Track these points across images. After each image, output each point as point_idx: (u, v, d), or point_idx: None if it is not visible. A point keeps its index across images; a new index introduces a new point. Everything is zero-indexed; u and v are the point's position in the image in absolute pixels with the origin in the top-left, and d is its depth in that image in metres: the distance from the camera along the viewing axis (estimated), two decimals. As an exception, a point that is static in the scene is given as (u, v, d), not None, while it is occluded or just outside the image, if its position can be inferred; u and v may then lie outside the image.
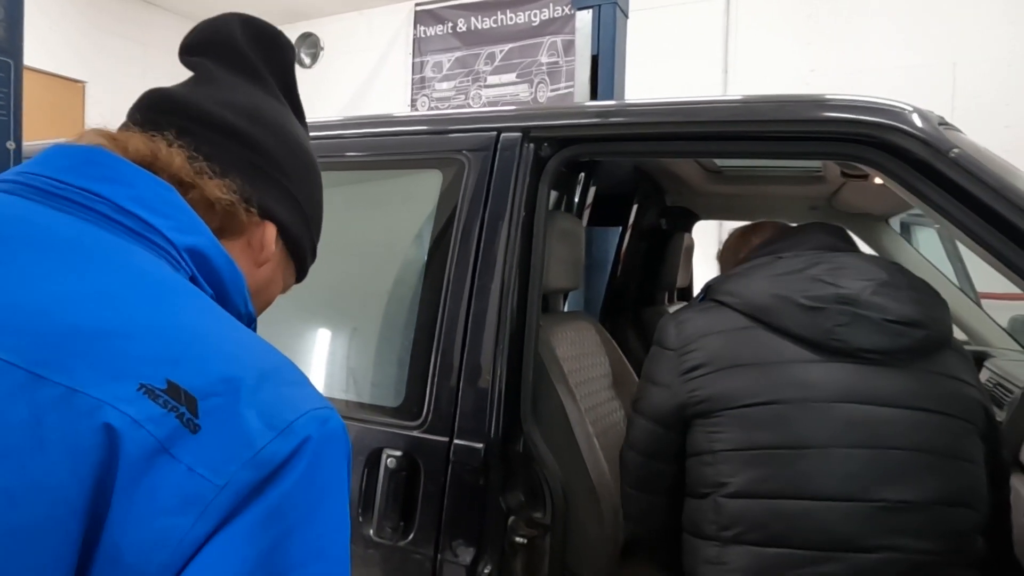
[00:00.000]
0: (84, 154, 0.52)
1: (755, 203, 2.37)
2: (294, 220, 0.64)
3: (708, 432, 1.12)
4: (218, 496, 0.39)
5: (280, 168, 0.62)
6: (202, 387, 0.41)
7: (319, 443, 0.43)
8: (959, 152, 1.01)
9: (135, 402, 0.39)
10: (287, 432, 0.42)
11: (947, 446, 1.04)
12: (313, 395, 0.47)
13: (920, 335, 1.07)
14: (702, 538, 1.11)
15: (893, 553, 0.99)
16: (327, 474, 0.44)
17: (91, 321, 0.41)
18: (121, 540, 0.37)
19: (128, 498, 0.37)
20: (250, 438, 0.40)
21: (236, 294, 0.56)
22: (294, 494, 0.41)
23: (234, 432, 0.40)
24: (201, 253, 0.53)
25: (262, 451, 0.40)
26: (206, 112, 0.59)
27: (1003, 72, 4.37)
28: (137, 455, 0.38)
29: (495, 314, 1.25)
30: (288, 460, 0.41)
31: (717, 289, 1.22)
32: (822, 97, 1.17)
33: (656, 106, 1.31)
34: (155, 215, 0.51)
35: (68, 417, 0.38)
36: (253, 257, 0.61)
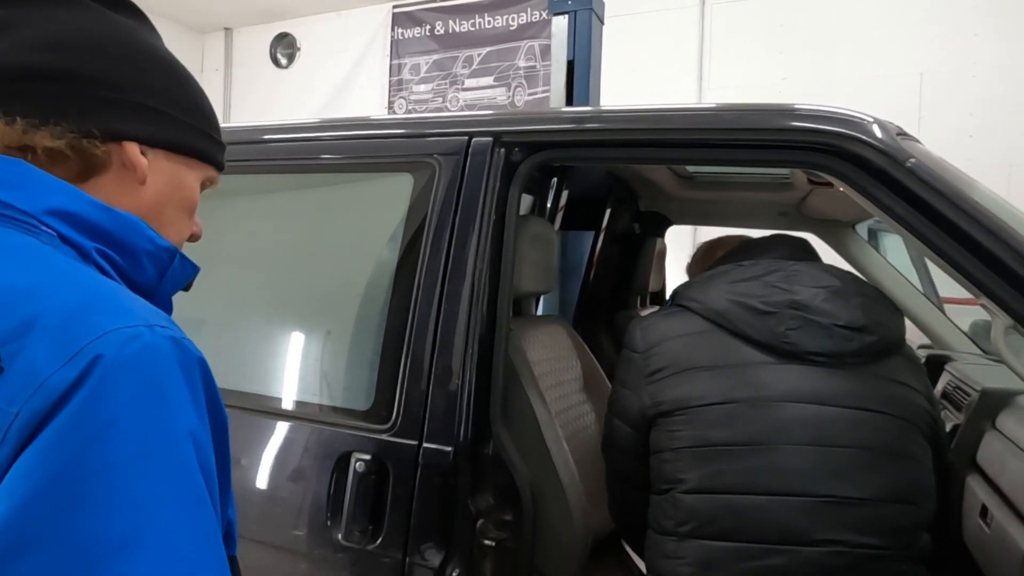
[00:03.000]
0: None
1: (726, 209, 2.41)
2: (157, 124, 0.60)
3: (668, 431, 1.16)
4: (13, 423, 0.42)
5: (108, 83, 0.57)
6: (4, 334, 0.44)
7: (114, 361, 0.44)
8: (916, 162, 1.04)
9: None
10: (76, 357, 0.44)
11: (890, 444, 1.08)
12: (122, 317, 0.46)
13: (868, 340, 1.12)
14: (662, 533, 1.16)
15: (837, 547, 1.04)
16: (128, 389, 0.44)
17: None
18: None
19: None
20: (37, 369, 0.43)
21: (130, 235, 0.55)
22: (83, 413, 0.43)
23: (26, 367, 0.43)
24: (65, 211, 0.52)
25: (48, 379, 0.43)
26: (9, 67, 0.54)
27: (968, 83, 4.49)
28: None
29: (465, 317, 1.25)
30: (74, 384, 0.43)
31: (681, 295, 1.27)
32: (785, 106, 1.20)
33: (625, 113, 1.32)
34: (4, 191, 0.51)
35: None
36: (127, 182, 0.58)
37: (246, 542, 1.34)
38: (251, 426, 1.40)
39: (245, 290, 1.59)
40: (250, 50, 7.20)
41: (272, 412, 1.39)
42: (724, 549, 1.08)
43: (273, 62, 7.03)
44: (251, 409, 1.40)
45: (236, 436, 1.50)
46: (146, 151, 0.59)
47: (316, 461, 1.29)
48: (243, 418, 1.41)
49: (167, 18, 7.10)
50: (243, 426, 1.41)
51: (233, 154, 1.61)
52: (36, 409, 0.42)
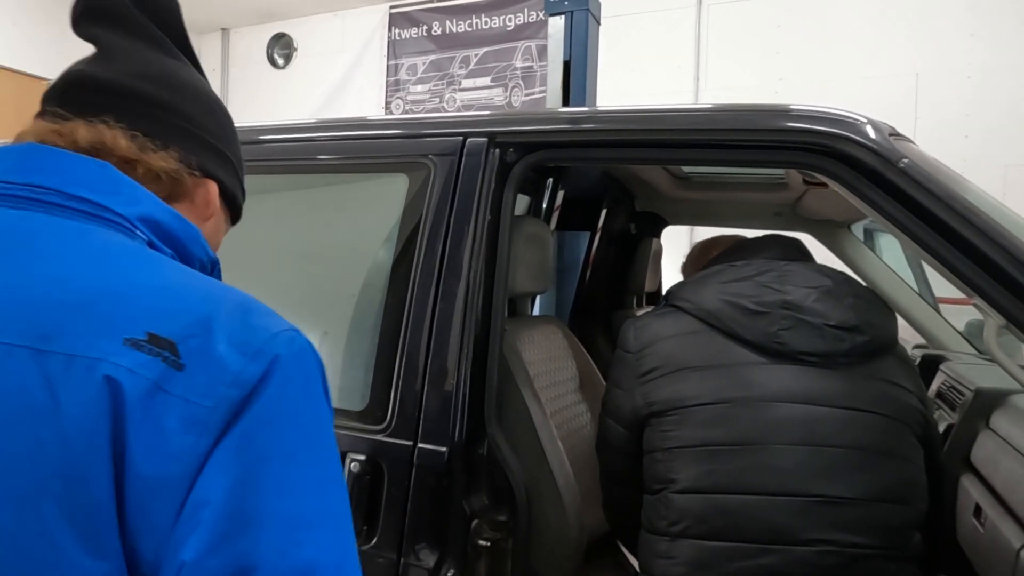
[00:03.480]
0: (20, 153, 0.56)
1: (722, 209, 2.41)
2: (228, 172, 0.69)
3: (661, 431, 1.16)
4: (211, 415, 0.47)
5: (205, 128, 0.66)
6: (178, 332, 0.48)
7: (288, 359, 0.50)
8: (908, 162, 1.05)
9: (124, 354, 0.46)
10: (257, 354, 0.49)
11: (881, 444, 1.09)
12: (277, 321, 0.53)
13: (859, 340, 1.12)
14: (655, 533, 1.16)
15: (828, 546, 1.04)
16: (300, 384, 0.51)
17: (71, 296, 0.48)
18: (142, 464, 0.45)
19: (139, 431, 0.46)
20: (226, 365, 0.48)
21: (194, 246, 0.62)
22: (274, 403, 0.49)
23: (213, 363, 0.48)
24: (152, 219, 0.58)
25: (239, 374, 0.48)
26: (131, 89, 0.61)
27: (963, 84, 4.50)
28: (138, 396, 0.46)
29: (460, 318, 1.25)
30: (263, 378, 0.49)
31: (675, 295, 1.27)
32: (779, 106, 1.20)
33: (619, 113, 1.33)
34: (102, 195, 0.55)
35: (74, 378, 0.46)
36: (199, 214, 0.66)
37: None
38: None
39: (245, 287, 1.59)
40: (247, 51, 7.19)
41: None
42: (716, 549, 1.08)
43: (270, 62, 7.02)
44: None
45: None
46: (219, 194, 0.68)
47: (311, 462, 1.29)
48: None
49: (164, 18, 7.09)
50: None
51: (228, 155, 1.61)
52: (233, 400, 0.47)
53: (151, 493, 0.46)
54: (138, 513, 0.45)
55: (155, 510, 0.46)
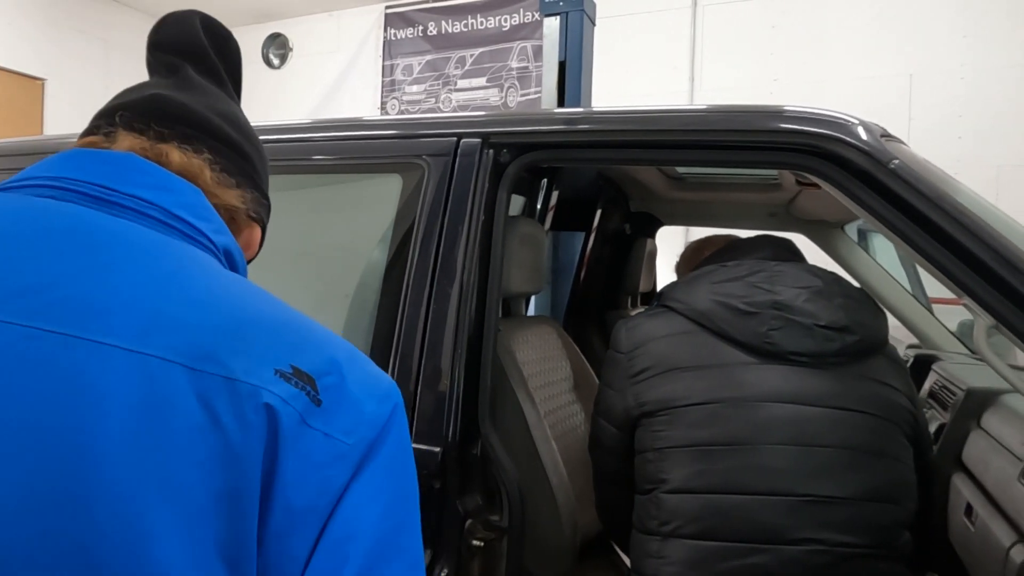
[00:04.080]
0: (127, 162, 0.57)
1: (716, 209, 2.42)
2: (267, 219, 0.72)
3: (652, 431, 1.17)
4: (352, 451, 0.49)
5: (260, 174, 0.69)
6: (316, 369, 0.50)
7: (400, 407, 0.55)
8: (899, 163, 1.05)
9: (276, 384, 0.48)
10: (383, 399, 0.53)
11: (870, 444, 1.09)
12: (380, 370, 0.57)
13: (849, 340, 1.13)
14: (646, 533, 1.16)
15: (818, 545, 1.05)
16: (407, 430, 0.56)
17: (220, 320, 0.49)
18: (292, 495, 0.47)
19: (288, 460, 0.47)
20: (361, 406, 0.51)
21: (241, 266, 0.64)
22: (397, 445, 0.53)
23: (349, 403, 0.51)
24: (229, 251, 0.61)
25: (372, 415, 0.51)
26: (215, 125, 0.64)
27: (956, 85, 4.52)
28: (289, 426, 0.47)
29: (454, 318, 1.25)
30: (390, 419, 0.53)
31: (667, 295, 1.27)
32: (772, 108, 1.20)
33: (613, 114, 1.33)
34: (199, 219, 0.57)
35: (235, 400, 0.46)
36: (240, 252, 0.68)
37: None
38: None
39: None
40: (242, 50, 7.14)
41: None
42: (707, 548, 1.08)
43: (265, 62, 7.01)
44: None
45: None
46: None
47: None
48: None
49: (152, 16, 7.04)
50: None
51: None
52: (369, 440, 0.50)
53: (293, 523, 0.47)
54: (275, 542, 0.46)
55: (294, 540, 0.47)
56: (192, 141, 0.61)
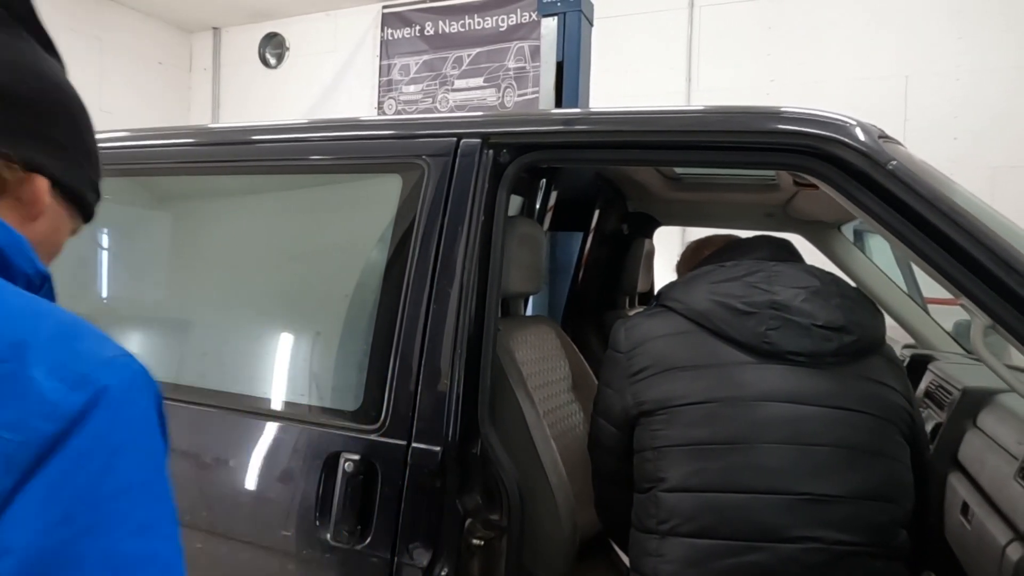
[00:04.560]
0: None
1: (713, 210, 2.43)
2: (65, 165, 0.60)
3: (651, 430, 1.17)
4: (18, 452, 0.41)
5: (40, 116, 0.58)
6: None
7: (118, 391, 0.45)
8: (896, 164, 1.06)
9: None
10: (81, 383, 0.44)
11: (868, 443, 1.10)
12: (109, 346, 0.48)
13: (847, 340, 1.13)
14: (644, 532, 1.17)
15: (815, 544, 1.05)
16: (130, 418, 0.45)
17: None
18: None
19: None
20: (42, 395, 0.42)
21: (18, 257, 0.54)
22: (97, 439, 0.43)
23: (25, 393, 0.42)
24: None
25: (58, 405, 0.42)
26: None
27: (952, 86, 4.54)
28: None
29: (454, 318, 1.26)
30: (85, 410, 0.43)
31: (665, 295, 1.28)
32: (770, 109, 1.21)
33: (612, 115, 1.34)
34: None
35: None
36: (25, 212, 0.58)
37: (235, 543, 1.35)
38: (240, 427, 1.40)
39: (234, 291, 1.59)
40: (239, 50, 7.17)
41: (261, 413, 1.40)
42: (705, 547, 1.09)
43: (262, 62, 7.00)
44: (240, 410, 1.40)
45: (225, 437, 1.50)
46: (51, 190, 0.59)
47: (305, 461, 1.29)
48: (232, 419, 1.41)
49: (155, 17, 7.05)
50: (232, 427, 1.41)
51: (222, 155, 1.62)
52: (46, 435, 0.42)
53: None
54: None
55: None
56: None
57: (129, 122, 7.02)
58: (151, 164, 1.64)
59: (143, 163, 1.64)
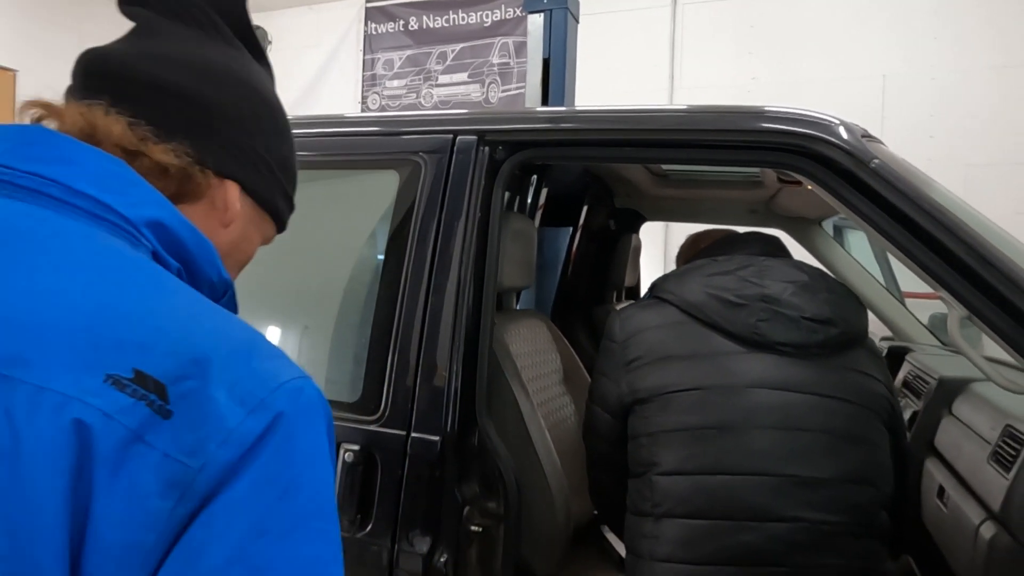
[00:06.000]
0: (21, 134, 0.49)
1: (699, 206, 2.48)
2: (259, 174, 0.61)
3: (644, 417, 1.22)
4: (196, 478, 0.39)
5: (235, 122, 0.58)
6: (170, 372, 0.41)
7: (293, 416, 0.43)
8: (879, 163, 1.11)
9: (103, 394, 0.39)
10: (259, 408, 0.42)
11: (851, 430, 1.15)
12: (285, 367, 0.46)
13: (832, 332, 1.19)
14: (639, 515, 1.21)
15: (801, 523, 1.11)
16: (305, 446, 0.44)
17: (56, 315, 0.41)
18: (107, 530, 0.38)
19: (109, 489, 0.38)
20: (222, 418, 0.41)
21: (206, 263, 0.54)
22: (272, 469, 0.41)
23: (206, 414, 0.40)
24: (161, 225, 0.50)
25: (235, 430, 0.41)
26: (143, 73, 0.55)
27: (928, 85, 4.64)
28: (111, 447, 0.38)
29: (451, 311, 1.29)
30: (262, 436, 0.41)
31: (659, 287, 1.32)
32: (757, 108, 1.25)
33: (606, 113, 1.37)
34: (107, 192, 0.48)
35: (38, 416, 0.38)
36: (218, 219, 0.59)
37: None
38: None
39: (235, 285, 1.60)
40: (220, 43, 7.10)
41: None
42: (697, 527, 1.13)
43: (244, 55, 6.94)
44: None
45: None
46: (242, 197, 0.60)
47: (304, 453, 1.31)
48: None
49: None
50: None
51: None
52: (224, 462, 0.40)
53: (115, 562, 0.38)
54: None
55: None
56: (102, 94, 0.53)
57: (109, 116, 6.95)
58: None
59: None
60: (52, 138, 0.50)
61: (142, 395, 0.39)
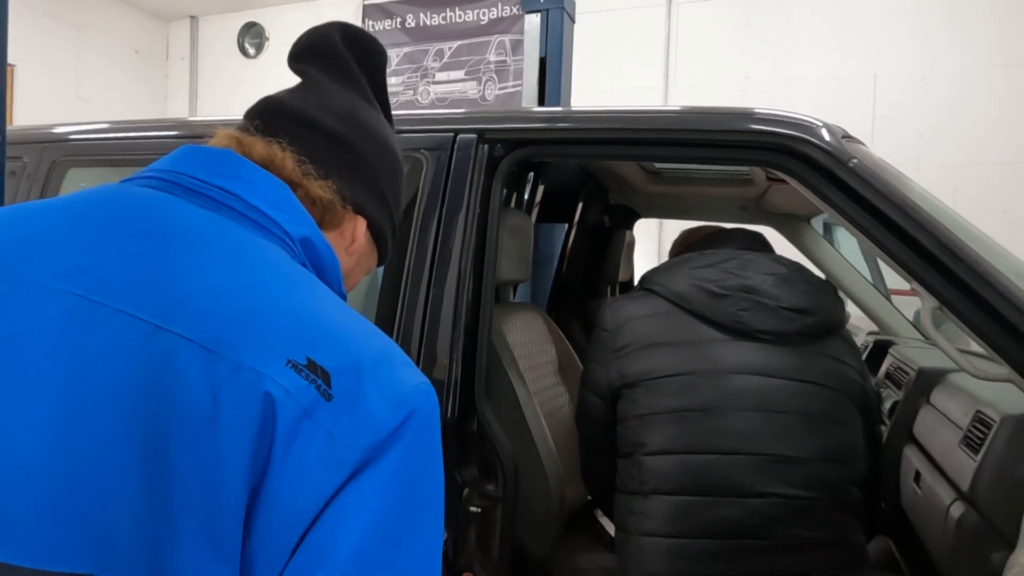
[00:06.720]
0: (219, 156, 0.62)
1: (690, 203, 2.54)
2: (382, 214, 0.73)
3: (633, 400, 1.29)
4: (350, 455, 0.47)
5: (372, 168, 0.70)
6: (334, 365, 0.49)
7: (424, 414, 0.52)
8: (857, 162, 1.17)
9: (285, 375, 0.47)
10: (399, 404, 0.50)
11: (825, 412, 1.23)
12: (417, 374, 0.55)
13: (809, 321, 1.26)
14: (627, 493, 1.28)
15: (778, 498, 1.18)
16: (429, 440, 0.52)
17: (248, 305, 0.50)
18: (278, 487, 0.46)
19: (283, 453, 0.46)
20: (372, 409, 0.49)
21: (333, 277, 0.65)
22: (405, 456, 0.50)
23: (360, 404, 0.49)
24: (310, 242, 0.62)
25: (381, 420, 0.49)
26: (311, 119, 0.67)
27: (917, 85, 4.72)
28: (289, 419, 0.46)
29: (452, 303, 1.34)
30: (400, 427, 0.50)
31: (649, 279, 1.39)
32: (745, 110, 1.32)
33: (601, 113, 1.43)
34: (275, 210, 0.60)
35: (238, 387, 0.46)
36: (344, 246, 0.70)
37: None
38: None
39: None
40: (217, 39, 7.12)
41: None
42: (682, 503, 1.21)
43: (241, 52, 6.96)
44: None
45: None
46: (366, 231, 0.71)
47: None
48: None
49: (130, 5, 6.96)
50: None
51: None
52: (370, 444, 0.48)
53: (280, 518, 0.46)
54: (263, 531, 0.46)
55: (278, 534, 0.46)
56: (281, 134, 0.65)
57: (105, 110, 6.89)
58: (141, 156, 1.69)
59: (144, 154, 1.70)
60: (239, 161, 0.62)
61: (312, 379, 0.48)
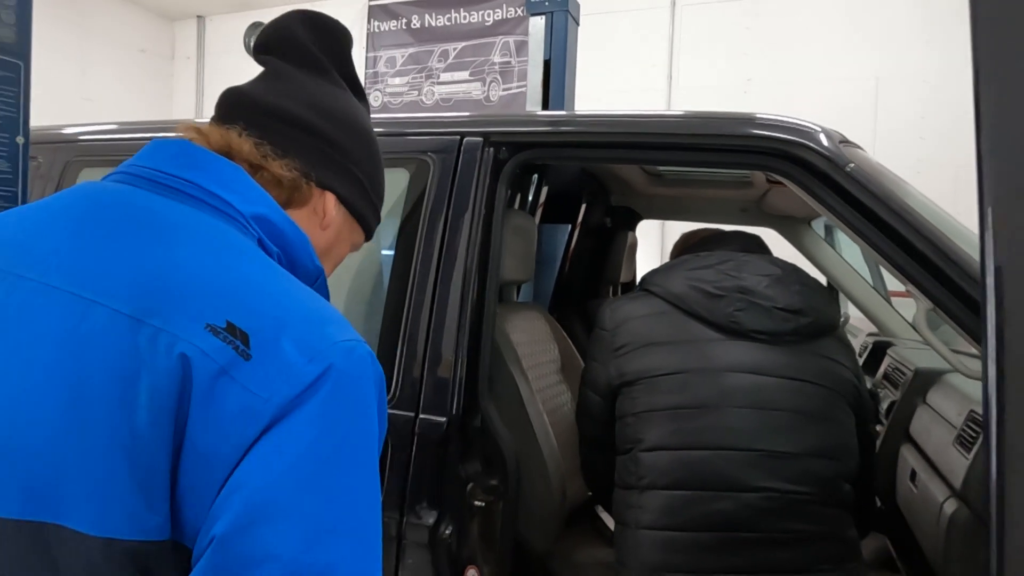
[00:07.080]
0: (177, 147, 0.66)
1: (692, 204, 2.57)
2: (352, 189, 0.75)
3: (631, 398, 1.33)
4: (264, 407, 0.51)
5: (336, 146, 0.73)
6: (253, 326, 0.53)
7: (343, 368, 0.54)
8: (854, 167, 1.20)
9: (202, 337, 0.52)
10: (316, 358, 0.53)
11: (818, 409, 1.26)
12: (347, 333, 0.57)
13: (803, 321, 1.30)
14: (626, 488, 1.32)
15: (772, 493, 1.21)
16: (350, 393, 0.55)
17: (178, 279, 0.55)
18: (198, 439, 0.51)
19: (201, 408, 0.51)
20: (288, 362, 0.52)
21: (302, 252, 0.68)
22: (322, 407, 0.53)
23: (276, 359, 0.52)
24: (265, 219, 0.65)
25: (296, 373, 0.52)
26: (269, 105, 0.71)
27: (920, 88, 4.74)
28: (205, 376, 0.51)
29: (457, 302, 1.38)
30: (317, 380, 0.52)
31: (647, 280, 1.44)
32: (745, 115, 1.35)
33: (604, 118, 1.46)
34: (228, 191, 0.63)
35: (156, 349, 0.51)
36: (318, 222, 0.74)
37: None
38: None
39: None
40: (223, 39, 7.16)
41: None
42: (679, 497, 1.24)
43: (247, 51, 7.00)
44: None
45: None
46: (337, 206, 0.75)
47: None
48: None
49: (136, 4, 7.01)
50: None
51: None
52: (286, 397, 0.51)
53: (202, 467, 0.50)
54: (188, 482, 0.51)
55: (201, 483, 0.50)
56: (238, 121, 0.68)
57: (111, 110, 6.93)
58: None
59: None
60: (195, 150, 0.66)
61: (230, 340, 0.52)
